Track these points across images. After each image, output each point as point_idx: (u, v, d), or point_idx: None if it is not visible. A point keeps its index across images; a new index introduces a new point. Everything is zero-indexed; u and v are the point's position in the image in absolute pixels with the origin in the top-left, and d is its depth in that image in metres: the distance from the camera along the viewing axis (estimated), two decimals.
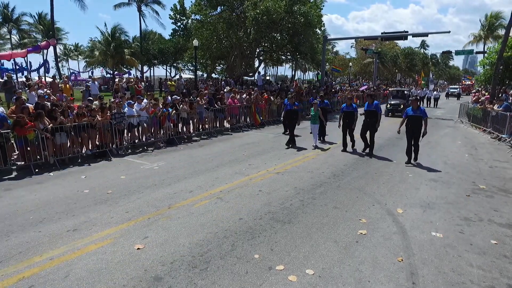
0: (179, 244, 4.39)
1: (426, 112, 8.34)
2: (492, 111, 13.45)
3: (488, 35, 46.67)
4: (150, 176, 7.38)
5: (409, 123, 8.39)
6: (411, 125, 8.36)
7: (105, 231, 4.74)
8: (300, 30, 21.23)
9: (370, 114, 9.27)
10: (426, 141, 11.91)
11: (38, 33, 45.36)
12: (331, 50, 56.95)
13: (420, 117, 8.25)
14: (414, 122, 8.32)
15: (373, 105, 9.26)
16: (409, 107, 8.52)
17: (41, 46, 22.52)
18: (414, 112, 8.30)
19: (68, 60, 65.42)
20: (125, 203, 5.80)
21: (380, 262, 4.04)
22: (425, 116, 8.25)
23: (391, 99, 21.55)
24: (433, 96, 27.74)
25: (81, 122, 8.91)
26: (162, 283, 3.58)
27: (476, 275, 3.82)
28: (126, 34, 35.00)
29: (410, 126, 8.38)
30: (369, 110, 9.29)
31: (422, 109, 8.36)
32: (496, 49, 19.94)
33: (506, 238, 4.74)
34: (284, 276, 3.72)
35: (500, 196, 6.46)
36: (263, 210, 5.53)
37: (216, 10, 23.78)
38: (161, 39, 46.19)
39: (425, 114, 8.27)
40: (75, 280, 3.60)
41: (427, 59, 68.22)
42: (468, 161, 9.18)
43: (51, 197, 6.07)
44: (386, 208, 5.72)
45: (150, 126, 10.89)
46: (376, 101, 9.52)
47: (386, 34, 25.36)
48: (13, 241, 4.45)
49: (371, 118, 9.20)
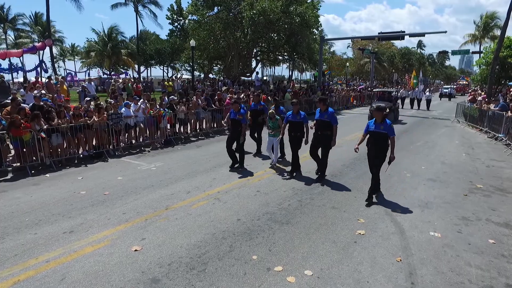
0: (177, 246, 4.35)
1: (393, 129, 5.81)
2: (489, 111, 13.52)
3: (484, 35, 47.03)
4: (147, 177, 7.34)
5: (370, 142, 6.02)
6: (372, 145, 5.95)
7: (102, 233, 4.70)
8: (297, 30, 21.26)
9: (322, 126, 6.96)
10: (423, 141, 11.98)
11: (34, 33, 45.13)
12: (328, 50, 57.06)
13: (384, 135, 5.78)
14: (376, 141, 5.90)
15: (327, 114, 6.91)
16: (371, 121, 6.03)
17: (37, 47, 22.36)
18: (377, 128, 5.84)
19: (65, 61, 65.14)
20: (122, 204, 5.76)
21: (378, 262, 4.03)
22: (391, 133, 5.74)
23: (375, 102, 18.35)
24: (425, 97, 24.99)
25: (77, 123, 8.85)
26: (159, 285, 3.55)
27: (475, 275, 3.82)
28: (122, 35, 34.93)
29: (371, 147, 5.97)
30: (321, 120, 6.96)
31: (388, 123, 5.82)
32: (492, 49, 20.07)
33: (503, 237, 4.75)
34: (283, 277, 3.70)
35: (497, 195, 6.48)
36: (261, 210, 5.51)
37: (213, 10, 23.76)
38: (158, 39, 46.06)
39: (392, 131, 5.75)
40: (72, 283, 3.56)
41: (424, 59, 68.57)
42: (466, 160, 9.21)
43: (47, 199, 6.01)
44: (384, 208, 5.72)
45: (147, 127, 10.85)
46: (331, 108, 7.11)
47: (383, 34, 25.47)
48: (8, 244, 4.39)
49: (322, 131, 6.92)
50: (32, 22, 45.59)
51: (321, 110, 7.02)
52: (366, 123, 6.19)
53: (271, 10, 20.00)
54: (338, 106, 23.93)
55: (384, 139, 5.82)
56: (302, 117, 7.26)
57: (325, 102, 7.10)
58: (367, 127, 6.04)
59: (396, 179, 7.33)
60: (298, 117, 7.27)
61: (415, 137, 12.63)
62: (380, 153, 5.90)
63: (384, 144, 5.84)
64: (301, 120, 7.25)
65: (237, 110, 7.93)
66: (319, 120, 7.03)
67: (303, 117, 7.26)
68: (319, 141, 7.07)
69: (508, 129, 11.45)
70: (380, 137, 5.83)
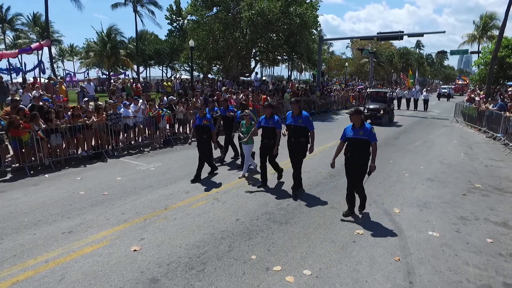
0: (176, 246, 4.36)
1: (374, 134, 5.09)
2: (487, 111, 13.55)
3: (482, 35, 47.09)
4: (146, 177, 7.34)
5: (349, 150, 5.24)
6: (351, 153, 5.19)
7: (101, 233, 4.70)
8: (296, 30, 21.25)
9: (295, 132, 6.10)
10: (422, 140, 12.00)
11: (32, 34, 45.05)
12: (327, 50, 57.10)
13: (365, 142, 5.05)
14: (355, 149, 5.12)
15: (301, 118, 6.06)
16: (348, 126, 5.26)
17: (32, 48, 22.26)
18: (356, 134, 5.08)
19: (64, 61, 65.03)
20: (121, 204, 5.76)
21: (377, 262, 4.04)
22: (373, 139, 5.06)
23: (369, 103, 17.41)
24: (422, 97, 24.22)
25: (76, 123, 8.84)
26: (158, 285, 3.56)
27: (472, 274, 3.83)
28: (122, 35, 34.86)
29: (350, 156, 5.21)
30: (295, 126, 6.08)
31: (368, 128, 5.07)
32: (491, 49, 20.14)
33: (501, 236, 4.77)
34: (282, 277, 3.71)
35: (495, 195, 6.51)
36: (260, 210, 5.52)
37: (212, 10, 23.74)
38: (157, 39, 46.02)
39: (373, 137, 5.06)
40: (71, 283, 3.57)
41: (423, 59, 68.67)
42: (464, 160, 9.23)
43: (46, 199, 6.01)
44: (383, 207, 5.74)
45: (146, 127, 10.85)
46: (305, 111, 6.24)
47: (382, 34, 25.48)
48: (7, 244, 4.39)
49: (297, 138, 6.10)
50: (31, 22, 45.53)
51: (294, 113, 6.11)
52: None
53: (270, 10, 20.01)
54: (337, 106, 23.98)
55: (364, 147, 5.07)
56: (275, 122, 6.39)
57: (298, 105, 6.22)
58: (344, 134, 5.24)
59: (395, 179, 7.35)
60: (270, 122, 6.41)
61: (414, 137, 12.65)
62: (362, 165, 5.11)
63: (365, 152, 5.09)
64: (274, 125, 6.39)
65: (202, 115, 7.11)
66: (292, 126, 6.07)
67: (276, 122, 6.39)
68: (292, 150, 6.19)
69: (506, 128, 11.49)
70: (360, 144, 5.07)
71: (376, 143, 5.12)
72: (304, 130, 6.06)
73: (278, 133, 6.41)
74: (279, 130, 6.41)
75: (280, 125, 6.44)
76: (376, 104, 16.34)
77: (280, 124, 6.45)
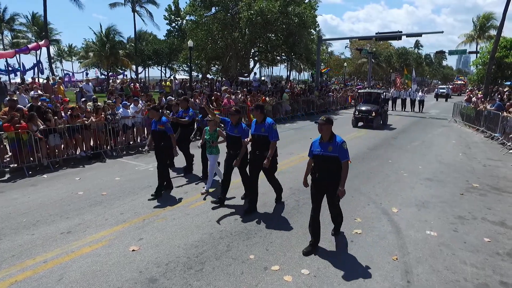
0: (174, 246, 4.37)
1: (346, 150, 4.08)
2: (485, 110, 13.60)
3: (480, 35, 47.26)
4: (145, 178, 7.34)
5: (316, 169, 4.27)
6: (320, 174, 4.21)
7: (99, 233, 4.71)
8: (294, 30, 21.28)
9: (259, 142, 5.33)
10: (420, 140, 12.04)
11: (30, 33, 44.93)
12: (326, 50, 57.16)
13: (334, 159, 4.07)
14: (324, 169, 4.17)
15: (264, 126, 5.25)
16: (316, 139, 4.30)
17: (29, 48, 22.18)
18: (324, 149, 4.11)
19: (62, 61, 64.92)
20: (119, 204, 5.76)
21: (375, 261, 4.06)
22: (344, 157, 4.05)
23: (360, 105, 16.20)
24: (418, 98, 22.90)
25: (75, 123, 8.84)
26: (157, 284, 3.56)
27: (470, 273, 3.85)
28: (120, 35, 34.82)
29: (319, 176, 4.22)
30: (258, 135, 5.32)
31: (338, 142, 4.07)
32: (489, 49, 20.20)
33: (499, 235, 4.79)
34: (280, 276, 3.73)
35: (493, 194, 6.53)
36: (259, 210, 5.53)
37: (211, 11, 23.74)
38: (155, 39, 46.02)
39: (344, 154, 4.05)
40: (69, 283, 3.57)
41: (421, 59, 68.76)
42: (462, 160, 9.26)
43: (44, 200, 6.01)
44: (381, 207, 5.76)
45: (145, 127, 10.84)
46: (269, 118, 5.42)
47: (381, 35, 25.55)
48: (5, 244, 4.39)
49: (261, 150, 5.28)
50: (29, 22, 45.41)
51: (258, 121, 5.32)
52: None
53: (269, 10, 20.04)
54: (336, 106, 24.02)
55: (335, 166, 4.09)
56: (241, 131, 5.46)
57: (262, 110, 5.29)
58: (311, 149, 4.32)
59: (394, 179, 7.37)
60: (236, 131, 5.48)
61: (412, 137, 12.68)
62: (332, 186, 4.13)
63: (336, 172, 4.12)
64: (239, 134, 5.46)
65: (158, 119, 6.21)
66: (255, 135, 5.33)
67: (242, 130, 5.46)
68: (258, 165, 5.32)
69: (504, 128, 11.53)
70: (330, 163, 4.10)
71: (347, 161, 4.10)
72: (267, 141, 5.23)
73: (244, 144, 5.46)
74: (244, 140, 5.46)
75: (247, 135, 5.51)
76: (367, 106, 15.44)
77: (247, 133, 5.52)
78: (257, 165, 5.34)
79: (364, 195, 6.33)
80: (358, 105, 16.41)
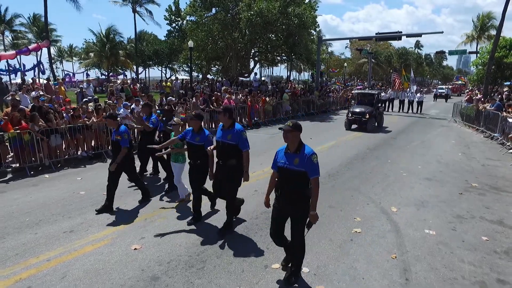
0: (176, 244, 4.42)
1: (317, 164, 3.34)
2: (484, 111, 13.64)
3: (480, 35, 47.27)
4: (145, 178, 7.39)
5: (280, 185, 3.54)
6: (283, 191, 3.48)
7: (101, 232, 4.76)
8: (294, 31, 21.33)
9: (224, 151, 4.63)
10: (420, 140, 12.08)
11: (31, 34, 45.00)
12: (326, 50, 57.24)
13: (301, 175, 3.34)
14: (288, 184, 3.43)
15: (232, 133, 4.56)
16: (282, 148, 3.61)
17: (30, 49, 22.23)
18: (289, 162, 3.39)
19: (62, 62, 65.01)
20: (121, 204, 5.81)
21: (374, 260, 4.11)
22: (313, 173, 3.33)
23: (354, 106, 15.56)
24: (417, 98, 22.20)
25: (76, 124, 8.90)
26: (159, 282, 3.62)
27: (468, 271, 3.90)
28: (120, 35, 34.96)
29: (282, 194, 3.49)
30: (223, 143, 4.60)
31: (308, 153, 3.33)
32: (488, 49, 20.21)
33: (496, 234, 4.84)
34: (280, 274, 3.77)
35: (491, 193, 6.58)
36: (259, 209, 5.57)
37: (211, 11, 23.80)
38: (156, 40, 46.10)
39: (314, 169, 3.32)
40: (73, 281, 3.62)
41: (421, 59, 68.79)
42: (461, 159, 9.31)
43: (46, 199, 6.06)
44: (380, 206, 5.80)
45: None
46: (238, 124, 4.69)
47: (381, 35, 25.60)
48: (9, 243, 4.45)
49: (226, 159, 4.61)
50: (30, 23, 45.49)
51: (224, 126, 4.64)
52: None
53: (269, 11, 20.10)
54: (336, 106, 24.07)
55: (302, 182, 3.36)
56: (203, 138, 4.89)
57: (230, 115, 4.61)
58: (275, 159, 3.60)
59: (393, 178, 7.42)
60: (197, 138, 4.88)
61: (412, 137, 12.72)
62: (300, 208, 3.42)
63: (304, 191, 3.38)
64: (201, 142, 4.87)
65: (116, 128, 5.56)
66: (219, 142, 4.62)
67: (204, 138, 4.90)
68: (221, 175, 4.66)
69: (503, 128, 11.57)
70: (296, 178, 3.36)
71: (317, 178, 3.35)
72: (235, 150, 4.52)
73: (210, 153, 4.82)
74: (208, 149, 4.84)
75: (210, 143, 4.91)
76: (361, 107, 14.75)
77: (211, 141, 4.93)
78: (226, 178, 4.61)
79: (364, 194, 6.38)
80: (352, 106, 15.82)
